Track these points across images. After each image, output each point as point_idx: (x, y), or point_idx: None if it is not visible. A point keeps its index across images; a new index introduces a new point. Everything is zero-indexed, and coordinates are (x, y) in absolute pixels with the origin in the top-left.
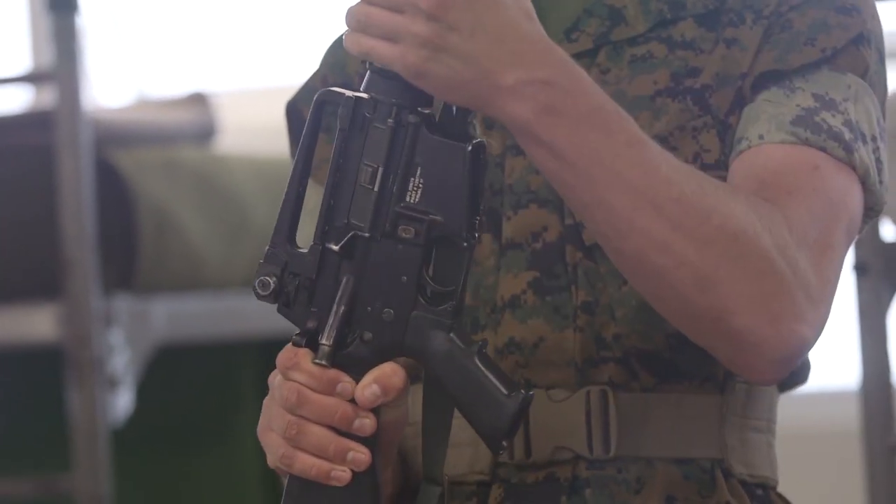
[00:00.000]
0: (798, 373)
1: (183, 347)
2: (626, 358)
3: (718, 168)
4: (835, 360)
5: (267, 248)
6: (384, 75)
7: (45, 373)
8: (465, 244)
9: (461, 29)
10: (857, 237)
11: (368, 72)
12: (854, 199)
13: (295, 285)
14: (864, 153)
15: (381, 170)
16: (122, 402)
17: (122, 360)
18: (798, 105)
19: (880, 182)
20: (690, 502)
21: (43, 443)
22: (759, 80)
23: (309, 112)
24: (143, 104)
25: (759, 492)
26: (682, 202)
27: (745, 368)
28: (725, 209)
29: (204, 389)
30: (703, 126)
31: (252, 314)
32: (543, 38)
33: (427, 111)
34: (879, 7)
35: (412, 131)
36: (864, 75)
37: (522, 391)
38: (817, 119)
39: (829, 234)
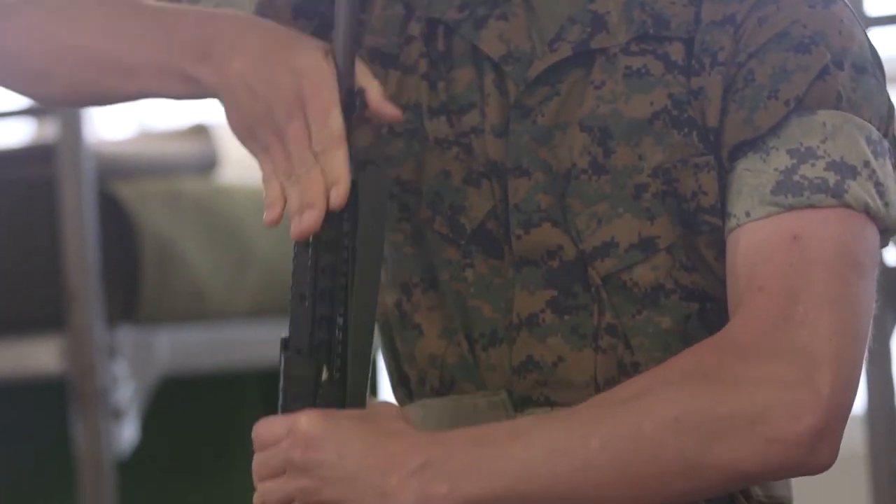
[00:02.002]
0: None
1: (187, 378)
2: None
3: (713, 214)
4: None
5: None
6: None
7: (49, 405)
8: None
9: (329, 463)
10: (880, 264)
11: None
12: (857, 237)
13: None
14: (856, 187)
15: None
16: (127, 433)
17: (126, 391)
18: (776, 169)
19: (886, 204)
20: None
21: (48, 475)
22: (734, 150)
23: None
24: (145, 136)
25: None
26: (616, 463)
27: (813, 470)
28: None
29: (208, 419)
30: (706, 165)
31: (255, 344)
32: (408, 430)
33: None
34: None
35: None
36: (837, 104)
37: None
38: (796, 178)
39: (823, 294)
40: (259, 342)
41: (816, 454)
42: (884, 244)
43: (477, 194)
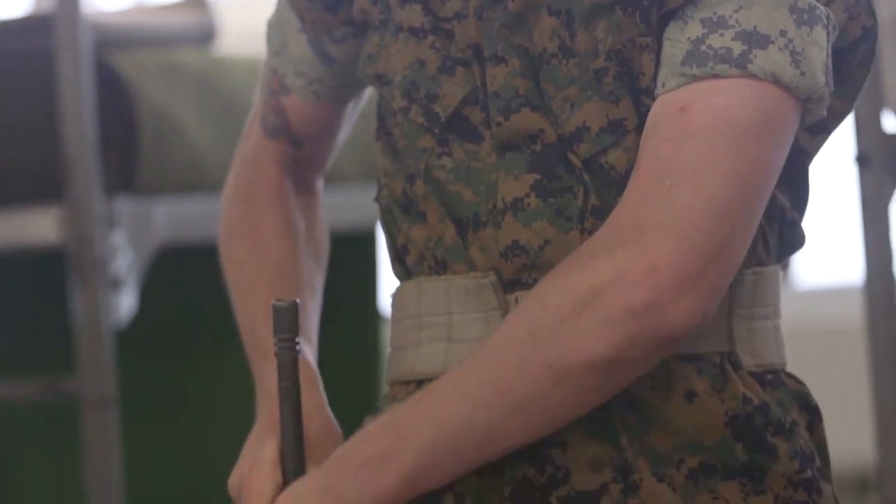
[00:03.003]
0: (791, 243)
1: (185, 248)
2: None
3: (649, 95)
4: (839, 257)
5: None
6: None
7: (48, 275)
8: None
9: None
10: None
11: None
12: (755, 106)
13: None
14: (764, 57)
15: None
16: (126, 303)
17: (124, 261)
18: (688, 39)
19: (802, 73)
20: (710, 396)
21: (47, 345)
22: (660, 21)
23: None
24: (143, 8)
25: (770, 377)
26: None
27: (666, 342)
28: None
29: (207, 290)
30: (647, 46)
31: None
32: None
33: None
34: None
35: None
36: None
37: None
38: (703, 48)
39: (689, 166)
40: None
41: (659, 324)
42: (816, 114)
43: (451, 82)
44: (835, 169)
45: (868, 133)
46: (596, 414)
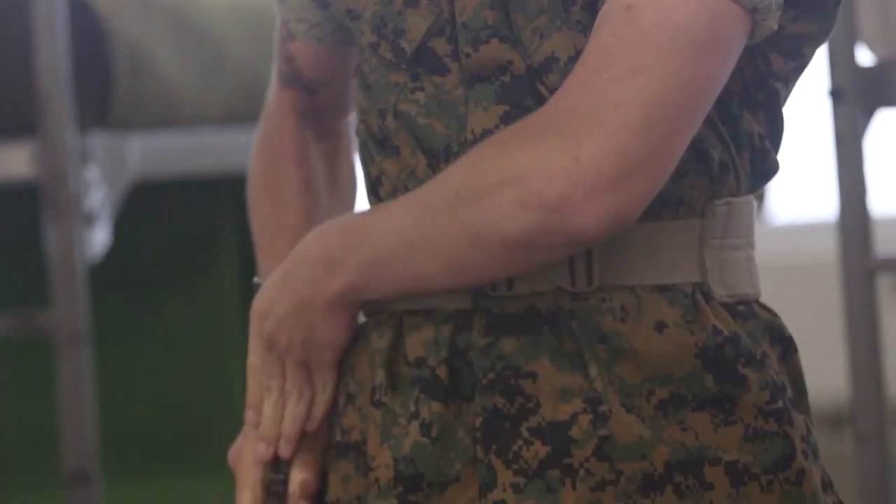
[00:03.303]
0: (764, 172)
1: (159, 183)
2: None
3: None
4: (813, 193)
5: None
6: None
7: (21, 211)
8: None
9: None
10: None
11: None
12: (700, 13)
13: None
14: None
15: None
16: (99, 238)
17: (98, 196)
18: None
19: None
20: (680, 327)
21: (21, 280)
22: None
23: None
24: None
25: (741, 308)
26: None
27: (576, 236)
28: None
29: (181, 226)
30: None
31: (227, 149)
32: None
33: None
34: None
35: None
36: None
37: None
38: None
39: (632, 63)
40: (231, 148)
41: (571, 219)
42: (765, 27)
43: (415, 15)
44: (809, 103)
45: (841, 66)
46: (565, 344)
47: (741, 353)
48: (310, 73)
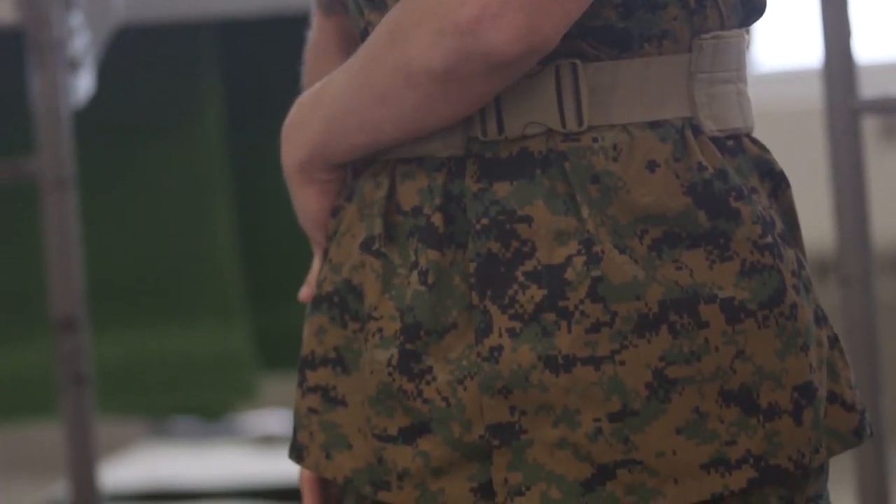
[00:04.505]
0: (752, 7)
1: (143, 28)
2: (582, 37)
3: None
4: (798, 39)
5: None
6: None
7: (4, 57)
8: None
9: None
10: None
11: None
12: None
13: None
14: None
15: None
16: (84, 83)
17: (82, 41)
18: None
19: None
20: (670, 165)
21: (6, 127)
22: None
23: None
24: None
25: (731, 143)
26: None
27: (493, 57)
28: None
29: (166, 71)
30: None
31: None
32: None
33: None
34: None
35: None
36: None
37: None
38: None
39: None
40: None
41: (483, 40)
42: None
43: None
44: None
45: None
46: (558, 186)
47: (732, 188)
48: None
